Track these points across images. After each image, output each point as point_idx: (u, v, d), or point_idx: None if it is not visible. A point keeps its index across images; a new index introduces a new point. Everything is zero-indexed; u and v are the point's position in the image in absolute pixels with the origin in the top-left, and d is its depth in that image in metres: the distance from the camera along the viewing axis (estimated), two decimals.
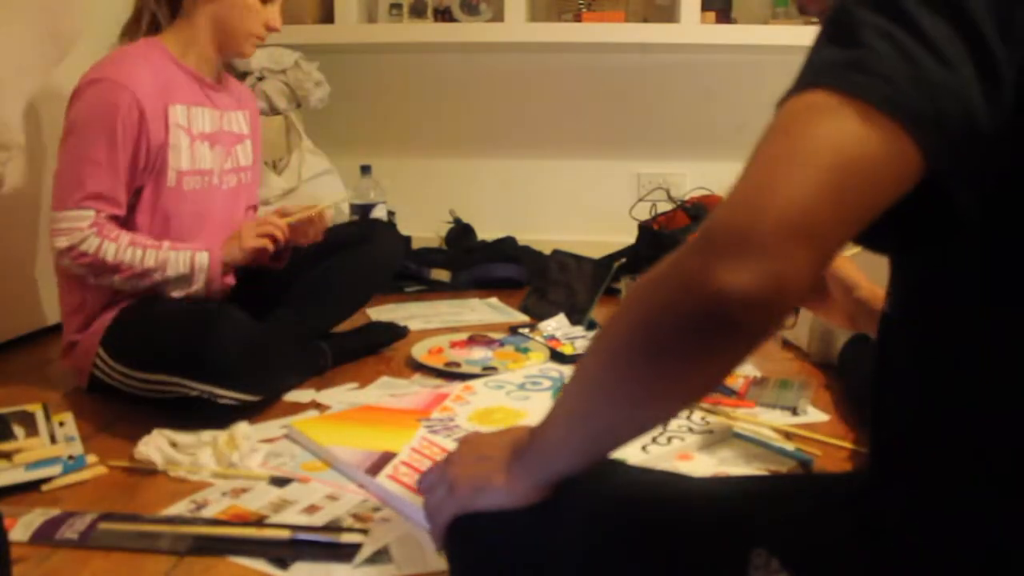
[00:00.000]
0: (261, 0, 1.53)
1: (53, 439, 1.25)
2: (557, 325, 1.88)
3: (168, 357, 1.38)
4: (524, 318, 2.06)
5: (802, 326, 1.81)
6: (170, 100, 1.49)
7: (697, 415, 1.38)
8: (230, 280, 1.59)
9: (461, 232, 2.63)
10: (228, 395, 1.35)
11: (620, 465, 0.70)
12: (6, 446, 1.18)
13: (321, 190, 2.42)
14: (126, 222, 1.48)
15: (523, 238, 2.62)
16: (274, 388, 1.48)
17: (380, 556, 1.00)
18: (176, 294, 1.48)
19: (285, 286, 1.66)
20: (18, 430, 1.24)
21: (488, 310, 2.18)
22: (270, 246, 1.53)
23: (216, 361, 1.34)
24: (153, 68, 1.48)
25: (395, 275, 2.16)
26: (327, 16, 2.57)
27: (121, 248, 1.43)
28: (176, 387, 1.37)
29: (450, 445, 1.25)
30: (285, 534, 1.04)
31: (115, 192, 1.44)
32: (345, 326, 1.81)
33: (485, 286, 2.39)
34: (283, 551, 1.01)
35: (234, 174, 1.64)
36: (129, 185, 1.46)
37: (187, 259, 1.47)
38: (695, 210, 2.37)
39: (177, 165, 1.51)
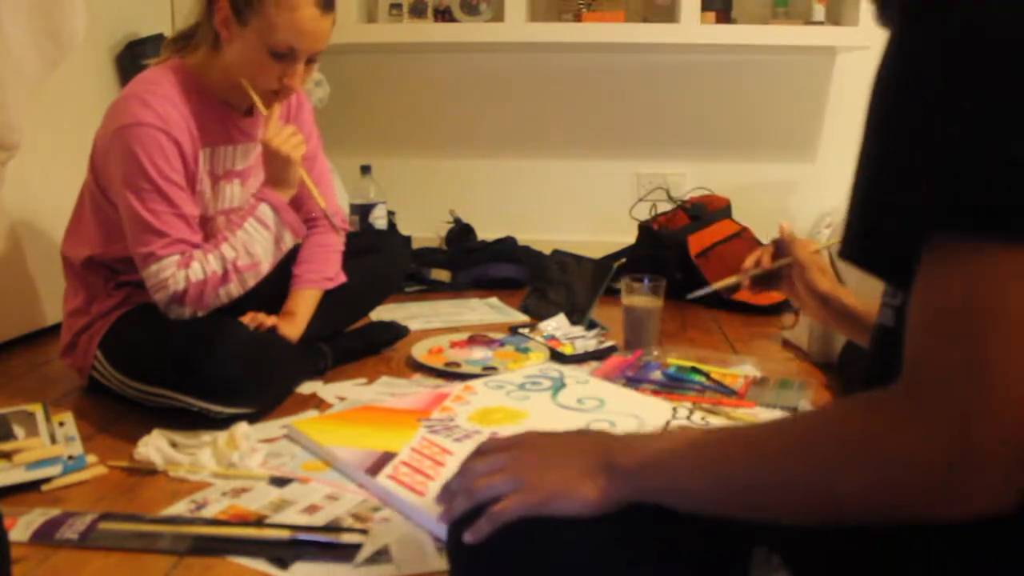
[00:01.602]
0: (273, 56, 1.40)
1: (53, 439, 1.25)
2: (557, 325, 1.88)
3: (164, 373, 1.38)
4: (524, 318, 2.06)
5: (802, 326, 1.81)
6: (200, 143, 1.46)
7: (697, 415, 1.38)
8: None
9: (461, 232, 2.63)
10: (226, 411, 1.36)
11: None
12: (6, 446, 1.18)
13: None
14: None
15: (523, 238, 2.62)
16: (272, 401, 1.47)
17: (380, 556, 1.00)
18: (278, 258, 1.49)
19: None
20: (18, 430, 1.24)
21: (488, 310, 2.18)
22: (304, 147, 1.49)
23: (213, 381, 1.34)
24: (186, 107, 1.43)
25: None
26: None
27: (204, 263, 1.41)
28: (173, 400, 1.38)
29: (450, 445, 1.25)
30: (285, 534, 1.04)
31: (190, 231, 1.42)
32: None
33: (485, 286, 2.39)
34: (283, 551, 1.01)
35: None
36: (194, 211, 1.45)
37: (256, 227, 1.44)
38: (695, 210, 2.37)
39: (203, 211, 1.49)
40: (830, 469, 0.51)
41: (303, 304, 1.61)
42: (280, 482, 1.19)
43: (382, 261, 1.81)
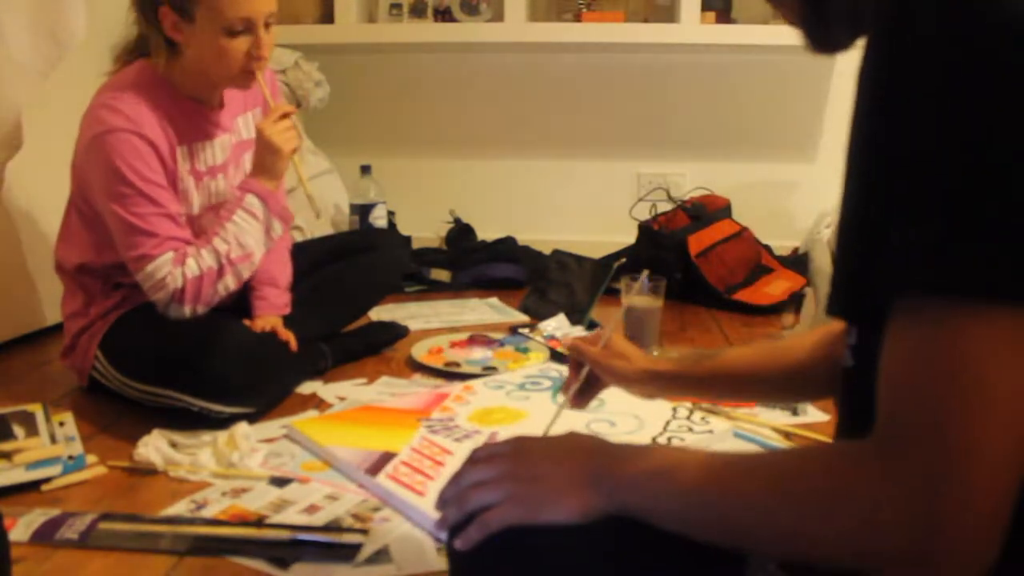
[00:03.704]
0: (228, 35, 1.38)
1: (53, 439, 1.25)
2: (557, 325, 1.88)
3: (165, 373, 1.38)
4: (524, 318, 2.06)
5: (802, 326, 1.81)
6: (176, 142, 1.45)
7: (697, 415, 1.38)
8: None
9: (461, 232, 2.63)
10: (227, 410, 1.36)
11: None
12: (6, 446, 1.18)
13: (321, 190, 2.42)
14: None
15: (523, 238, 2.62)
16: (273, 400, 1.48)
17: (380, 556, 1.00)
18: (269, 247, 1.49)
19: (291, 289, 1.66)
20: (18, 430, 1.24)
21: (488, 310, 2.18)
22: (298, 141, 1.50)
23: (214, 380, 1.34)
24: (156, 108, 1.42)
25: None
26: (327, 16, 2.57)
27: (198, 259, 1.41)
28: (174, 400, 1.38)
29: (450, 445, 1.25)
30: (285, 534, 1.04)
31: (178, 228, 1.43)
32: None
33: (485, 286, 2.39)
34: (283, 551, 1.01)
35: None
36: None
37: (245, 218, 1.44)
38: (695, 210, 2.37)
39: (189, 210, 1.49)
40: (805, 515, 0.52)
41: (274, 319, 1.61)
42: (280, 482, 1.19)
43: (381, 260, 1.81)
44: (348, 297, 1.76)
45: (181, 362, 1.36)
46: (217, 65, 1.42)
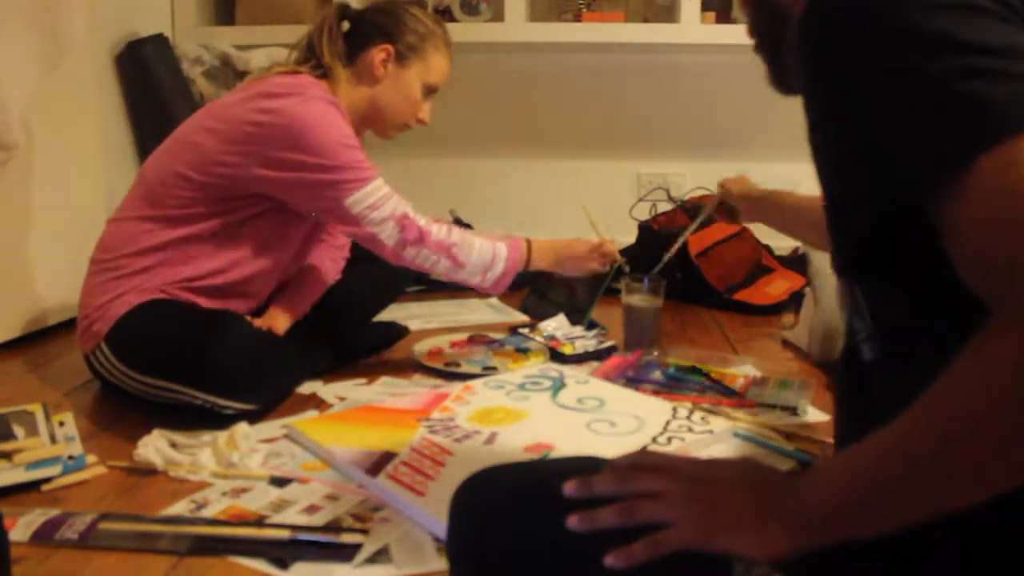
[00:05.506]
0: (424, 94, 1.58)
1: (53, 439, 1.25)
2: (557, 325, 1.88)
3: (171, 364, 1.38)
4: (524, 318, 2.06)
5: (802, 326, 1.82)
6: None
7: (697, 415, 1.38)
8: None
9: None
10: (231, 405, 1.36)
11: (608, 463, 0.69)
12: (6, 446, 1.18)
13: None
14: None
15: None
16: (277, 397, 1.48)
17: (380, 556, 1.00)
18: (472, 280, 1.56)
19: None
20: (18, 430, 1.24)
21: (488, 310, 2.18)
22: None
23: (220, 373, 1.34)
24: None
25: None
26: None
27: (429, 222, 1.50)
28: (177, 394, 1.37)
29: (450, 445, 1.25)
30: (285, 534, 1.04)
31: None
32: None
33: None
34: (283, 551, 1.01)
35: None
36: None
37: (487, 249, 1.54)
38: (695, 210, 2.37)
39: None
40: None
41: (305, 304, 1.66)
42: (280, 482, 1.19)
43: (385, 267, 1.81)
44: (352, 305, 1.76)
45: (185, 354, 1.36)
46: (397, 110, 1.58)
